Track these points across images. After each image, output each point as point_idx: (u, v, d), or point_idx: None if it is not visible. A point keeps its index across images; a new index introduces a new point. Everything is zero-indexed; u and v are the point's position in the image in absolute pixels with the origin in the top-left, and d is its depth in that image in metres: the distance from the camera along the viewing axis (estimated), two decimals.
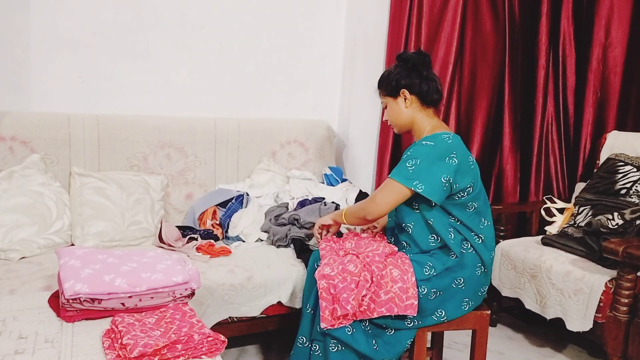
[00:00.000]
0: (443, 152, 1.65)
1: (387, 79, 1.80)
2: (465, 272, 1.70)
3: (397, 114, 1.81)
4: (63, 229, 2.06)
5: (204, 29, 2.62)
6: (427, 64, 1.78)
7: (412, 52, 1.82)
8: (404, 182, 1.64)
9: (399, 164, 1.70)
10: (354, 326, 1.63)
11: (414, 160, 1.65)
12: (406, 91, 1.77)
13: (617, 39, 2.83)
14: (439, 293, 1.68)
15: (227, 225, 2.30)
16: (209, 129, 2.52)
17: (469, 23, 2.82)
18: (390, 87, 1.79)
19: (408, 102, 1.78)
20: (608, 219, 2.22)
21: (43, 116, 2.23)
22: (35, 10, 2.29)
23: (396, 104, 1.80)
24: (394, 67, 1.81)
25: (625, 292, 1.97)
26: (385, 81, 1.81)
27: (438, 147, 1.66)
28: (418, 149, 1.67)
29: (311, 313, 1.71)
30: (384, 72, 1.85)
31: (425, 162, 1.64)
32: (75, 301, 1.32)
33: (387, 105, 1.84)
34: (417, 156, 1.65)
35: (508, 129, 2.94)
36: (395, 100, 1.80)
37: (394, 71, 1.79)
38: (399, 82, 1.77)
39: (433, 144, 1.66)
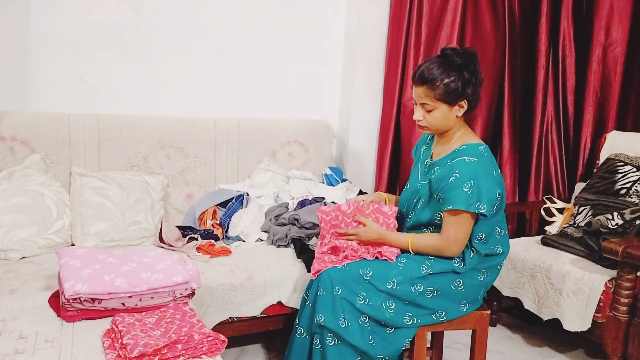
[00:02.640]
0: (487, 166, 1.63)
1: (448, 86, 1.62)
2: (466, 276, 1.71)
3: (444, 120, 1.68)
4: (63, 229, 2.06)
5: (204, 29, 2.62)
6: (477, 65, 1.67)
7: (463, 50, 1.67)
8: (468, 208, 1.58)
9: (453, 190, 1.60)
10: (348, 319, 1.63)
11: (469, 182, 1.59)
12: (466, 101, 1.66)
13: (617, 39, 2.83)
14: (436, 292, 1.68)
15: (227, 225, 2.30)
16: (209, 129, 2.52)
17: (469, 23, 2.82)
18: (450, 94, 1.63)
19: (461, 112, 1.67)
20: (608, 219, 2.22)
21: (43, 116, 2.23)
22: (35, 10, 2.29)
23: (449, 111, 1.66)
24: (454, 72, 1.62)
25: (625, 292, 1.97)
26: (444, 88, 1.62)
27: (482, 163, 1.63)
28: (466, 169, 1.60)
29: (310, 307, 1.72)
30: (435, 70, 1.63)
31: (478, 181, 1.59)
32: (75, 301, 1.32)
33: (433, 109, 1.66)
34: (469, 177, 1.59)
35: (508, 129, 2.94)
36: (450, 107, 1.66)
37: (456, 77, 1.62)
38: (465, 92, 1.63)
39: (477, 160, 1.62)
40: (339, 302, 1.64)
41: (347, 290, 1.65)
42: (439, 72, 1.62)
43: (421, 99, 1.67)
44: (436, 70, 1.62)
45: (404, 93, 2.82)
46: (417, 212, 1.76)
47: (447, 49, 1.67)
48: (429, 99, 1.65)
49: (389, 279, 1.66)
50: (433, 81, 1.62)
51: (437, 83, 1.62)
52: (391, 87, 2.84)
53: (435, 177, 1.68)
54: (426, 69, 1.64)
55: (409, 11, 2.75)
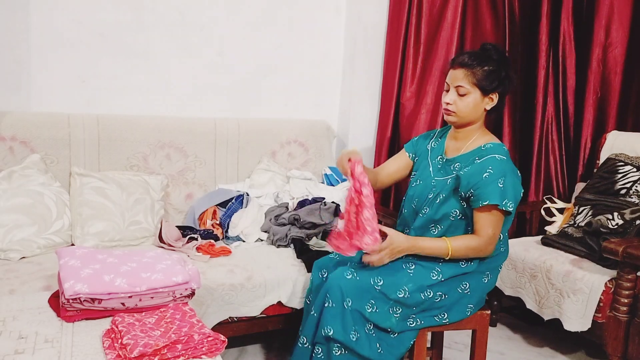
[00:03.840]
0: (514, 166, 1.66)
1: (489, 72, 1.65)
2: (472, 279, 1.71)
3: (474, 108, 1.68)
4: (63, 229, 2.06)
5: (204, 29, 2.62)
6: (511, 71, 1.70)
7: (503, 51, 1.71)
8: (501, 203, 1.59)
9: (488, 185, 1.60)
10: (358, 330, 1.60)
11: (502, 178, 1.60)
12: (497, 95, 1.68)
13: (617, 39, 2.83)
14: (444, 296, 1.68)
15: (227, 225, 2.30)
16: (209, 129, 2.52)
17: (469, 23, 2.82)
18: (488, 84, 1.65)
19: (490, 105, 1.69)
20: (608, 219, 2.22)
21: (43, 116, 2.23)
22: (35, 10, 2.29)
23: (481, 100, 1.67)
24: (495, 63, 1.65)
25: (625, 292, 1.97)
26: (483, 73, 1.65)
27: (510, 162, 1.65)
28: (499, 166, 1.61)
29: (315, 316, 1.67)
30: (478, 56, 1.67)
31: (508, 178, 1.61)
32: (75, 301, 1.32)
33: (467, 94, 1.66)
34: (502, 174, 1.60)
35: (508, 129, 2.94)
36: (483, 96, 1.67)
37: (496, 67, 1.65)
38: (500, 84, 1.66)
39: (506, 159, 1.64)
40: (349, 315, 1.59)
41: (357, 300, 1.61)
42: (480, 60, 1.66)
43: (458, 80, 1.66)
44: (478, 58, 1.67)
45: (403, 93, 2.81)
46: (433, 208, 1.71)
47: (488, 44, 1.72)
48: (466, 82, 1.65)
49: (400, 287, 1.63)
50: (474, 66, 1.65)
51: (477, 68, 1.65)
52: (390, 87, 2.84)
53: (465, 173, 1.65)
54: (469, 55, 1.68)
55: (408, 11, 2.75)
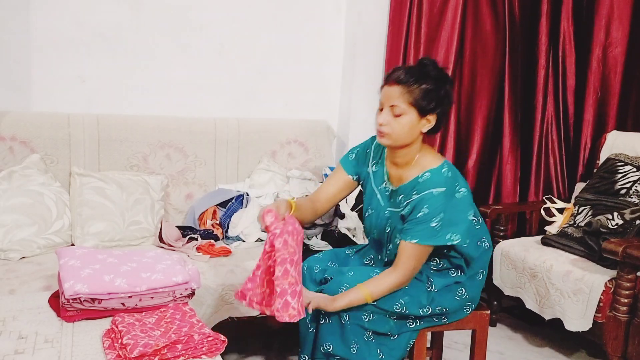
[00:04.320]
0: (452, 190, 1.54)
1: (426, 91, 1.51)
2: (467, 283, 1.70)
3: (410, 130, 1.54)
4: (63, 229, 2.06)
5: (204, 29, 2.62)
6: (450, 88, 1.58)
7: (442, 68, 1.58)
8: (435, 242, 1.52)
9: (419, 224, 1.52)
10: (357, 341, 1.58)
11: (438, 216, 1.50)
12: (435, 117, 1.55)
13: (617, 39, 2.82)
14: (444, 309, 1.67)
15: (227, 225, 2.30)
16: (209, 129, 2.52)
17: (469, 23, 2.82)
18: (426, 104, 1.52)
19: (426, 127, 1.56)
20: (608, 219, 2.22)
21: (43, 116, 2.23)
22: (35, 10, 2.29)
23: (417, 121, 1.54)
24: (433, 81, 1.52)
25: (625, 292, 1.97)
26: (421, 92, 1.51)
27: (449, 190, 1.53)
28: (435, 203, 1.51)
29: (313, 332, 1.65)
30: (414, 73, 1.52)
31: (448, 214, 1.51)
32: (75, 301, 1.32)
33: (403, 114, 1.52)
34: (438, 211, 1.51)
35: (508, 129, 2.94)
36: (419, 117, 1.53)
37: (434, 86, 1.52)
38: (439, 105, 1.53)
39: (445, 190, 1.52)
40: (348, 329, 1.57)
41: (354, 314, 1.58)
42: (418, 76, 1.52)
43: (393, 99, 1.52)
44: (415, 74, 1.52)
45: None
46: (395, 245, 1.62)
47: (426, 59, 1.57)
48: (402, 101, 1.51)
49: (396, 301, 1.61)
50: (411, 83, 1.51)
51: (414, 86, 1.51)
52: None
53: (405, 212, 1.58)
54: (404, 70, 1.53)
55: (408, 11, 2.75)
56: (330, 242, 2.24)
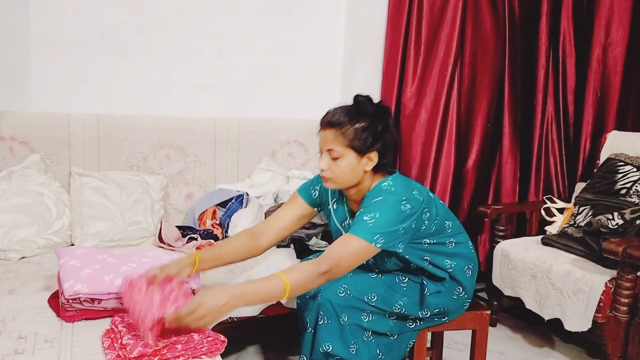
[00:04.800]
0: (394, 201, 1.48)
1: (359, 130, 1.47)
2: (461, 282, 1.69)
3: (351, 172, 1.51)
4: (63, 229, 2.06)
5: (203, 29, 2.62)
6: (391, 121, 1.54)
7: (377, 103, 1.54)
8: (366, 237, 1.44)
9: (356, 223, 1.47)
10: (357, 342, 1.57)
11: (370, 214, 1.46)
12: (376, 154, 1.51)
13: (617, 39, 2.82)
14: (443, 309, 1.68)
15: (227, 225, 2.30)
16: (209, 129, 2.52)
17: (469, 23, 2.82)
18: (362, 143, 1.48)
19: (370, 165, 1.52)
20: (608, 219, 2.22)
21: (43, 116, 2.23)
22: (35, 10, 2.29)
23: (358, 162, 1.50)
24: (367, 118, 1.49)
25: (625, 292, 1.97)
26: (354, 131, 1.47)
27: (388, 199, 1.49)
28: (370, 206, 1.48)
29: (312, 333, 1.62)
30: (347, 113, 1.49)
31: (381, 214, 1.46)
32: (75, 301, 1.32)
33: (340, 157, 1.49)
34: (371, 210, 1.47)
35: (508, 129, 2.95)
36: (359, 157, 1.50)
37: (368, 123, 1.48)
38: (375, 142, 1.49)
39: (382, 198, 1.49)
40: (347, 330, 1.55)
41: (353, 314, 1.57)
42: (351, 115, 1.49)
43: (329, 143, 1.49)
44: (348, 114, 1.49)
45: (404, 93, 2.82)
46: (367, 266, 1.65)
47: (360, 96, 1.54)
48: (337, 144, 1.48)
49: (395, 302, 1.61)
50: (343, 124, 1.48)
51: (347, 126, 1.47)
52: (390, 87, 2.84)
53: None
54: (337, 112, 1.51)
55: (408, 11, 2.75)
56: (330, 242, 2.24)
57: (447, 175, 2.85)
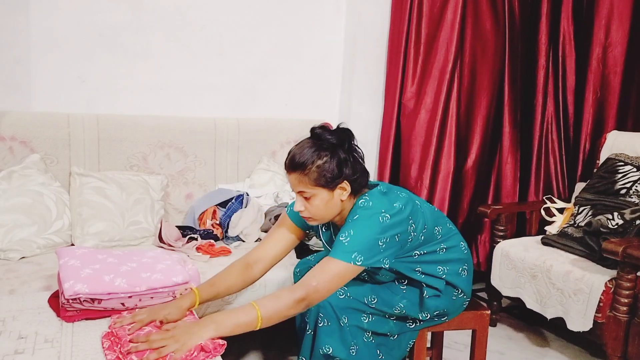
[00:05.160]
0: (371, 213, 1.46)
1: (322, 167, 1.44)
2: (458, 284, 1.69)
3: (327, 208, 1.50)
4: (63, 229, 2.06)
5: (203, 29, 2.62)
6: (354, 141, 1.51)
7: (335, 129, 1.51)
8: (345, 258, 1.42)
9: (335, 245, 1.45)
10: (357, 343, 1.57)
11: (346, 232, 1.45)
12: (346, 182, 1.48)
13: (617, 39, 2.82)
14: (443, 310, 1.68)
15: (227, 225, 2.30)
16: (209, 129, 2.52)
17: (468, 23, 2.82)
18: (328, 178, 1.45)
19: (345, 194, 1.50)
20: (608, 219, 2.22)
21: (43, 116, 2.23)
22: (35, 10, 2.29)
23: (330, 196, 1.48)
24: (326, 152, 1.45)
25: (625, 292, 1.97)
26: (318, 170, 1.44)
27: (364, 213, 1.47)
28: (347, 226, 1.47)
29: (311, 335, 1.62)
30: (306, 153, 1.45)
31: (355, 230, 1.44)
32: (75, 301, 1.32)
33: (312, 197, 1.47)
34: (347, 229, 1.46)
35: (508, 129, 2.94)
36: (330, 191, 1.48)
37: (329, 158, 1.45)
38: (342, 172, 1.46)
39: (358, 216, 1.47)
40: (347, 331, 1.55)
41: (353, 316, 1.57)
42: (310, 154, 1.45)
43: (297, 187, 1.48)
44: (307, 152, 1.45)
45: (404, 93, 2.82)
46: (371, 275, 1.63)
47: (316, 128, 1.49)
48: (304, 186, 1.46)
49: (395, 304, 1.61)
50: (304, 165, 1.44)
51: (309, 167, 1.44)
52: (392, 87, 2.84)
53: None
54: (296, 153, 1.47)
55: (409, 11, 2.75)
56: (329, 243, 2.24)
57: (447, 175, 2.85)
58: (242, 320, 1.33)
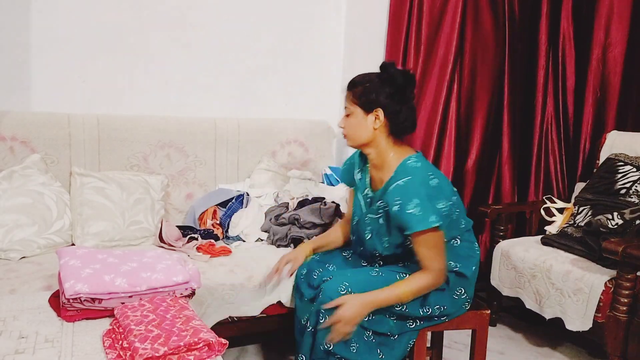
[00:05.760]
0: (420, 177, 1.56)
1: (365, 87, 1.61)
2: (464, 280, 1.70)
3: (359, 129, 1.63)
4: (63, 229, 2.06)
5: (204, 29, 2.62)
6: (412, 90, 1.64)
7: (400, 69, 1.63)
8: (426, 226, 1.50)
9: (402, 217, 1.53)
10: (358, 341, 1.59)
11: (410, 203, 1.51)
12: (381, 112, 1.60)
13: (617, 39, 2.83)
14: (443, 307, 1.68)
15: (227, 225, 2.30)
16: (209, 129, 2.52)
17: (468, 23, 2.82)
18: (366, 100, 1.60)
19: (378, 123, 1.61)
20: (608, 219, 2.22)
21: (43, 116, 2.23)
22: (35, 10, 2.29)
23: (364, 119, 1.62)
24: (377, 78, 1.61)
25: (624, 292, 1.97)
26: (362, 88, 1.61)
27: (416, 178, 1.56)
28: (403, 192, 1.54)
29: (312, 332, 1.64)
30: (363, 76, 1.65)
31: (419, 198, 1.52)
32: (75, 301, 1.32)
33: (350, 114, 1.64)
34: (408, 199, 1.52)
35: (507, 129, 2.95)
36: (365, 114, 1.62)
37: (376, 82, 1.60)
38: (378, 99, 1.59)
39: (410, 178, 1.56)
40: None
41: None
42: (365, 78, 1.64)
43: (345, 103, 1.66)
44: (364, 76, 1.64)
45: None
46: (367, 245, 1.73)
47: (385, 63, 1.64)
48: (348, 102, 1.64)
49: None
50: (355, 84, 1.64)
51: (358, 87, 1.63)
52: None
53: (388, 210, 1.60)
54: (357, 76, 1.67)
55: (409, 11, 2.75)
56: None
57: (446, 175, 2.85)
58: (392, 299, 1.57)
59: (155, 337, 1.19)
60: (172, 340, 1.18)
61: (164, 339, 1.18)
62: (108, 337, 1.26)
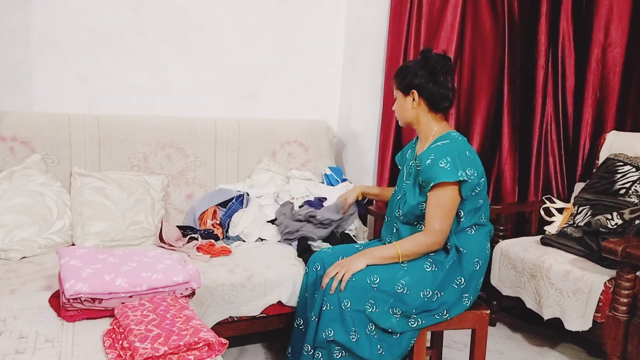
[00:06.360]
0: (461, 147, 1.72)
1: (403, 73, 1.82)
2: (465, 271, 1.72)
3: (403, 110, 1.85)
4: (63, 229, 2.06)
5: (204, 30, 2.62)
6: (446, 70, 1.77)
7: (437, 53, 1.80)
8: (449, 178, 1.63)
9: (431, 169, 1.67)
10: (358, 331, 1.62)
11: (444, 159, 1.66)
12: (416, 92, 1.79)
13: (617, 39, 2.83)
14: (440, 294, 1.69)
15: (227, 225, 2.31)
16: (209, 129, 2.53)
17: (468, 23, 2.82)
18: (403, 83, 1.81)
19: (415, 103, 1.80)
20: (607, 219, 2.22)
21: (44, 116, 2.23)
22: (35, 10, 2.29)
23: (404, 100, 1.83)
24: (413, 64, 1.81)
25: (624, 292, 1.97)
26: (400, 75, 1.83)
27: (455, 143, 1.72)
28: (440, 150, 1.70)
29: (315, 321, 1.68)
30: (404, 64, 1.89)
31: (453, 155, 1.67)
32: (76, 301, 1.33)
33: (396, 98, 1.87)
34: (444, 155, 1.67)
35: (507, 129, 2.95)
36: (404, 97, 1.82)
37: (412, 68, 1.79)
38: (412, 82, 1.78)
39: (449, 142, 1.72)
40: (348, 316, 1.62)
41: (356, 300, 1.63)
42: (403, 64, 1.88)
43: (393, 90, 1.89)
44: (403, 64, 1.90)
45: None
46: (403, 209, 1.80)
47: (424, 49, 1.83)
48: (394, 88, 1.87)
49: (397, 281, 1.65)
50: (397, 72, 1.85)
51: (398, 74, 1.84)
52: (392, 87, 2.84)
53: (419, 170, 1.75)
54: (401, 65, 1.90)
55: (409, 11, 2.75)
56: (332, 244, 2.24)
57: None
58: (387, 254, 1.71)
59: (155, 336, 1.19)
60: (172, 339, 1.18)
61: (164, 339, 1.19)
62: (108, 337, 1.26)
